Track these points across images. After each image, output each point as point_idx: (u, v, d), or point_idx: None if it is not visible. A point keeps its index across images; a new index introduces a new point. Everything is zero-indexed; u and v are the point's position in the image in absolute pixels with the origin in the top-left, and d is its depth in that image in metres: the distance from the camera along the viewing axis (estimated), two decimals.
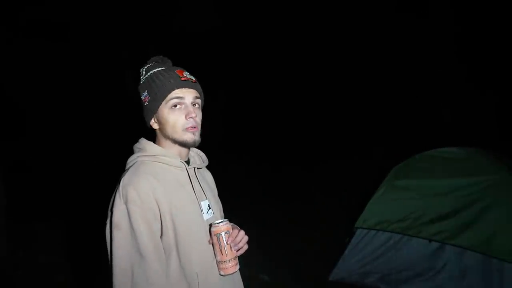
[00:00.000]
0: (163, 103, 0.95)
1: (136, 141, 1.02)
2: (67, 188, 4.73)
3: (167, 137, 0.98)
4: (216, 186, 1.14)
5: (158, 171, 0.95)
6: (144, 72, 1.01)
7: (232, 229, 0.95)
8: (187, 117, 0.95)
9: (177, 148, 0.99)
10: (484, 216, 1.85)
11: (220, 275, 0.95)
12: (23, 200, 4.11)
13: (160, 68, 0.99)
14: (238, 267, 0.94)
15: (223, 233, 0.92)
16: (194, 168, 1.03)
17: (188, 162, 1.03)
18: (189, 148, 1.02)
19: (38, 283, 2.75)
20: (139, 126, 1.08)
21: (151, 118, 0.98)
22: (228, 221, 0.94)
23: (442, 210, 2.01)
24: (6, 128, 3.54)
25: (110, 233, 0.88)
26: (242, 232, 0.96)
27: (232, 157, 5.44)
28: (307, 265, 2.63)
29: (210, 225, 0.95)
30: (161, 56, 1.03)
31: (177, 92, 0.95)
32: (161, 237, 0.90)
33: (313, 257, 2.73)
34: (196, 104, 0.98)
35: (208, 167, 1.14)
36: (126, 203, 0.87)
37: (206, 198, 1.02)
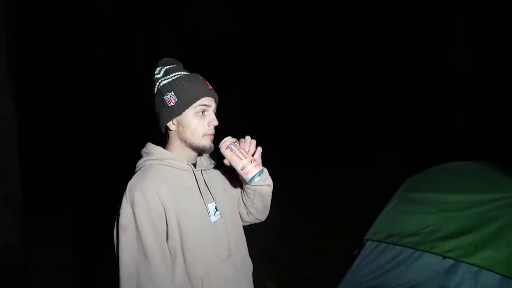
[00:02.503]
0: (191, 107, 0.97)
1: (143, 145, 1.04)
2: (82, 184, 4.80)
3: (183, 140, 0.99)
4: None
5: (165, 174, 0.96)
6: (163, 72, 1.00)
7: (239, 139, 0.99)
8: (209, 124, 0.98)
9: (187, 151, 1.01)
10: (503, 235, 1.78)
11: (250, 183, 0.97)
12: (39, 195, 4.18)
13: (184, 72, 1.01)
14: (261, 167, 0.97)
15: (231, 144, 0.95)
16: (201, 170, 1.04)
17: (195, 164, 1.04)
18: (200, 153, 1.03)
19: (49, 278, 2.78)
20: (150, 127, 1.07)
21: (171, 120, 0.99)
22: (230, 136, 0.98)
23: (457, 227, 1.94)
24: (26, 122, 3.63)
25: (117, 235, 0.89)
26: (248, 137, 1.01)
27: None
28: (314, 275, 2.58)
29: (219, 148, 0.98)
30: (173, 59, 1.04)
31: (205, 100, 0.98)
32: (166, 240, 0.91)
33: (320, 267, 2.68)
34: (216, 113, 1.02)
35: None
36: (132, 206, 0.88)
37: (213, 200, 1.02)
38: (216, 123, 0.99)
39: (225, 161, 0.98)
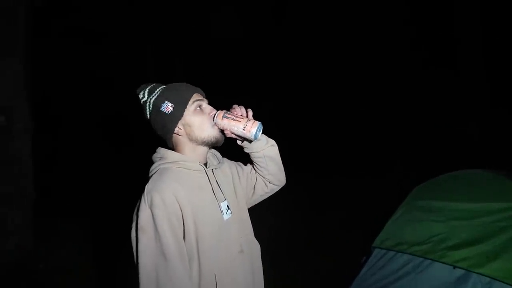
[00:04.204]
0: (188, 106, 1.01)
1: (154, 151, 1.07)
2: (94, 186, 4.88)
3: (194, 139, 1.03)
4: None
5: (180, 175, 0.99)
6: (148, 92, 1.06)
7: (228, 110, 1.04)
8: (210, 115, 1.03)
9: (199, 150, 1.04)
10: None
11: (255, 139, 1.02)
12: (51, 195, 4.27)
13: (164, 86, 1.07)
14: (258, 122, 1.01)
15: (225, 114, 1.01)
16: (212, 169, 1.07)
17: (205, 164, 1.07)
18: (209, 149, 1.07)
19: (59, 278, 2.82)
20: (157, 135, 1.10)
21: (176, 125, 1.02)
22: (220, 110, 1.04)
23: (468, 236, 1.90)
24: (41, 124, 3.74)
25: (136, 237, 0.92)
26: (236, 105, 1.07)
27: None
28: (321, 283, 2.55)
29: (215, 123, 1.02)
30: (149, 83, 1.10)
31: (196, 96, 1.03)
32: (183, 240, 0.94)
33: (327, 274, 2.65)
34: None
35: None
36: (151, 207, 0.91)
37: (225, 199, 1.06)
38: (215, 111, 1.04)
39: (226, 132, 1.02)
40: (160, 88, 1.04)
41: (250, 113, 1.05)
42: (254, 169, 1.18)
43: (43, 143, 3.82)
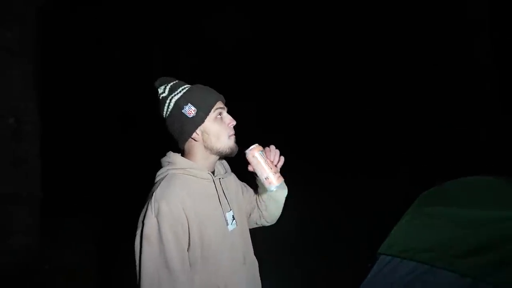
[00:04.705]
0: (210, 113, 1.01)
1: (164, 154, 1.07)
2: (100, 186, 4.93)
3: (209, 147, 1.02)
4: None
5: (188, 183, 0.99)
6: (169, 90, 1.03)
7: (264, 148, 1.03)
8: (229, 125, 1.03)
9: (210, 159, 1.04)
10: None
11: (270, 192, 1.02)
12: (58, 195, 4.32)
13: (188, 85, 1.05)
14: (282, 178, 1.01)
15: (258, 153, 0.99)
16: (220, 178, 1.07)
17: (213, 173, 1.06)
18: (219, 159, 1.07)
19: (64, 278, 2.85)
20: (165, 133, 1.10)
21: (194, 131, 1.01)
22: (257, 144, 1.02)
23: (476, 243, 1.86)
24: (49, 124, 3.80)
25: (140, 244, 0.92)
26: (273, 146, 1.05)
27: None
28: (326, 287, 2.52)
29: (244, 153, 1.02)
30: (170, 77, 1.08)
31: (219, 104, 1.02)
32: (187, 249, 0.94)
33: (331, 280, 2.62)
34: None
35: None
36: (157, 216, 0.91)
37: (231, 209, 1.05)
38: (234, 122, 1.03)
39: (249, 168, 1.02)
40: (183, 87, 1.02)
41: (281, 163, 1.04)
42: (256, 199, 1.18)
43: (50, 144, 3.86)
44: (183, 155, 1.05)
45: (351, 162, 5.89)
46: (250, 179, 1.16)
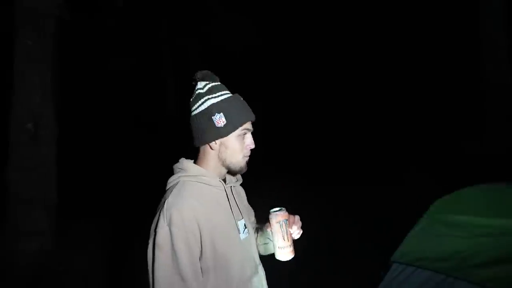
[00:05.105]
0: (236, 130, 1.01)
1: (176, 161, 1.07)
2: (114, 190, 5.01)
3: (222, 159, 1.03)
4: (252, 197, 1.20)
5: (200, 191, 0.98)
6: (208, 89, 1.02)
7: (289, 215, 1.02)
8: (247, 147, 1.03)
9: (222, 169, 1.04)
10: None
11: (276, 257, 1.02)
12: (72, 197, 4.42)
13: (228, 93, 1.04)
14: (294, 254, 1.02)
15: (283, 221, 0.98)
16: (231, 186, 1.07)
17: (224, 180, 1.07)
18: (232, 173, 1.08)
19: (77, 280, 2.89)
20: (174, 137, 1.10)
21: (215, 140, 1.01)
22: (285, 209, 1.01)
23: (496, 254, 1.77)
24: (65, 130, 3.91)
25: (153, 253, 0.92)
26: (298, 218, 1.05)
27: (269, 170, 5.45)
28: None
29: (269, 213, 1.02)
30: (211, 72, 1.06)
31: (248, 124, 1.03)
32: (200, 258, 0.93)
33: None
34: None
35: (247, 182, 1.18)
36: (169, 225, 0.91)
37: (242, 218, 1.05)
38: (253, 146, 1.03)
39: (268, 228, 1.04)
40: (222, 93, 1.01)
41: (297, 236, 1.06)
42: (256, 233, 1.18)
43: (66, 148, 3.98)
44: (195, 160, 1.06)
45: (359, 168, 5.79)
46: (252, 182, 1.16)
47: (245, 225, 1.05)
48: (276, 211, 1.00)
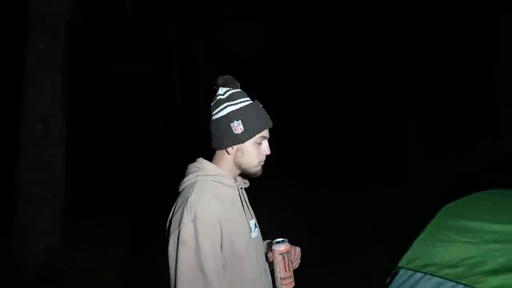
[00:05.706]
0: (253, 138, 1.03)
1: (194, 160, 1.09)
2: (121, 191, 5.06)
3: (238, 164, 1.06)
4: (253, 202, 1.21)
5: (218, 190, 1.02)
6: (228, 95, 1.05)
7: (291, 247, 1.07)
8: (263, 153, 1.06)
9: (236, 171, 1.08)
10: None
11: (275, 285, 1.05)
12: (80, 198, 4.48)
13: (248, 100, 1.06)
14: (294, 284, 1.05)
15: (285, 253, 1.01)
16: (242, 188, 1.11)
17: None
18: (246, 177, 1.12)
19: (83, 280, 2.91)
20: (184, 138, 1.11)
21: (231, 146, 1.04)
22: (287, 241, 1.03)
23: (506, 261, 1.74)
24: (74, 131, 3.96)
25: (176, 248, 0.93)
26: (299, 249, 1.10)
27: (269, 174, 5.44)
28: None
29: (271, 243, 1.04)
30: (233, 78, 1.08)
31: (265, 132, 1.06)
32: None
33: None
34: None
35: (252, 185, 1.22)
36: (194, 221, 0.93)
37: (252, 218, 1.09)
38: (268, 152, 1.06)
39: (270, 257, 1.06)
40: (242, 100, 1.04)
41: (296, 266, 1.09)
42: None
43: (74, 149, 4.04)
44: (211, 160, 1.08)
45: (368, 170, 5.73)
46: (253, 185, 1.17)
47: (255, 224, 1.09)
48: (279, 242, 1.02)
